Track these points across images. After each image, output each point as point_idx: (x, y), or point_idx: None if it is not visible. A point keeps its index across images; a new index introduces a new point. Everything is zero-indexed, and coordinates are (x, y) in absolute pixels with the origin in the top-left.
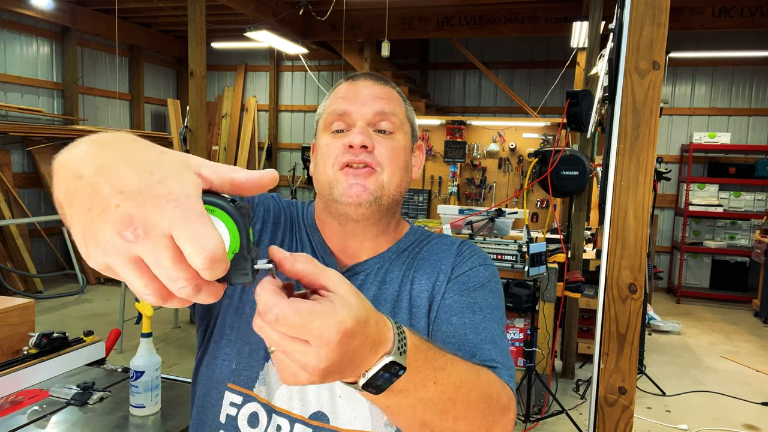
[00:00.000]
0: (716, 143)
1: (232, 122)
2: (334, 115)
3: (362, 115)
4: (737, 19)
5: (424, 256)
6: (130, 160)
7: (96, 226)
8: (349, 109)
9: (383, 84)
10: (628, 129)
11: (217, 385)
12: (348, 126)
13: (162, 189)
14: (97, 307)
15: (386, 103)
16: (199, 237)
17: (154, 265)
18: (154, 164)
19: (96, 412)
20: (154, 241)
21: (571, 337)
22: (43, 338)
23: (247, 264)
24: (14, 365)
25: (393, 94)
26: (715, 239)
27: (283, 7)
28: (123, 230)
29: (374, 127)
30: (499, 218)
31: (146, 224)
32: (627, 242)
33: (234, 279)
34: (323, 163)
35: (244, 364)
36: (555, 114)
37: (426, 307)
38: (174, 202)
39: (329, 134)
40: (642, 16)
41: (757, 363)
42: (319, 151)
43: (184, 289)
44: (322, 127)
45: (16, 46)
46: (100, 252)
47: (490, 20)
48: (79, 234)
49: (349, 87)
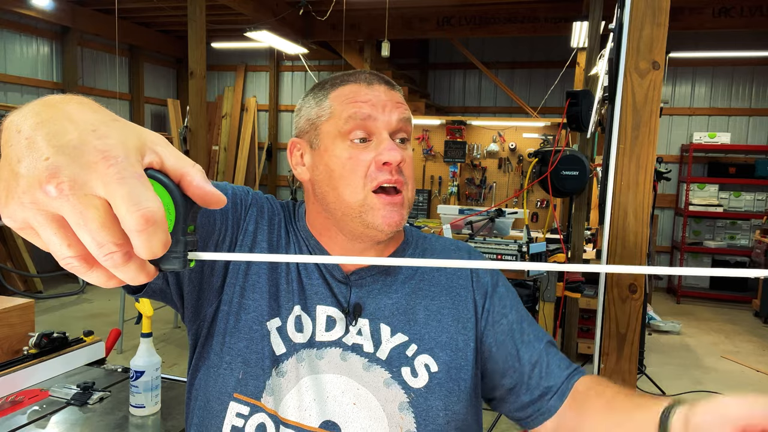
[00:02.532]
0: (716, 143)
1: (232, 122)
2: (355, 120)
3: (387, 124)
4: (737, 19)
5: (430, 271)
6: (75, 117)
7: (20, 179)
8: (373, 115)
9: (393, 88)
10: (628, 129)
11: (220, 395)
12: (369, 134)
13: (100, 145)
14: (97, 307)
15: (404, 110)
16: (134, 195)
17: (78, 226)
18: (100, 123)
19: (96, 412)
20: (80, 199)
21: (571, 337)
22: (43, 338)
23: (180, 247)
24: (14, 365)
25: (403, 100)
26: (715, 239)
27: (283, 7)
28: (46, 183)
29: (395, 137)
30: (499, 218)
31: (74, 179)
32: (627, 242)
33: (165, 263)
34: (349, 180)
35: (251, 373)
36: (555, 114)
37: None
38: (111, 160)
39: (349, 143)
40: (642, 16)
41: (757, 363)
42: (335, 162)
43: (111, 256)
44: (335, 133)
45: (16, 46)
46: (17, 205)
47: (490, 20)
48: (2, 187)
49: (367, 90)
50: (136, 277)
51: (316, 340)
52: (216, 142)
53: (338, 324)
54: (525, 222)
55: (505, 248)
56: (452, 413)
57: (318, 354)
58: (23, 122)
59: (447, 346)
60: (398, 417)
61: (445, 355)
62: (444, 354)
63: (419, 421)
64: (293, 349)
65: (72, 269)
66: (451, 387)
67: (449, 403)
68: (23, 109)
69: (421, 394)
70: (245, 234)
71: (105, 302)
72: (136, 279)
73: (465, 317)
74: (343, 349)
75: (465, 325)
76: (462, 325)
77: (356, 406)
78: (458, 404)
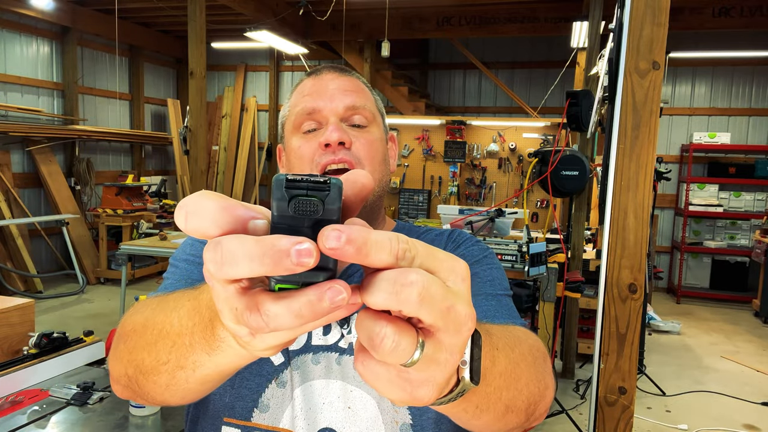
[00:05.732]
0: (716, 143)
1: (232, 122)
2: (303, 114)
3: (333, 111)
4: (737, 19)
5: None
6: None
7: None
8: (318, 106)
9: (348, 75)
10: (628, 129)
11: (213, 421)
12: (319, 124)
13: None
14: (97, 307)
15: (356, 96)
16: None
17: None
18: None
19: (96, 412)
20: None
21: (571, 337)
22: (43, 338)
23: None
24: (14, 365)
25: (360, 86)
26: (715, 239)
27: (283, 7)
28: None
29: (347, 122)
30: (499, 218)
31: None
32: (627, 242)
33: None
34: (298, 166)
35: (236, 395)
36: (555, 114)
37: None
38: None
39: (300, 135)
40: (642, 16)
41: (757, 363)
42: (291, 154)
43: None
44: (290, 128)
45: (16, 46)
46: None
47: (490, 20)
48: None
49: (314, 82)
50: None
51: (312, 344)
52: (216, 142)
53: (334, 328)
54: (525, 222)
55: (505, 248)
56: None
57: (314, 359)
58: None
59: None
60: (393, 412)
61: None
62: None
63: (414, 413)
64: (288, 357)
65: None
66: None
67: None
68: None
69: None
70: None
71: (105, 302)
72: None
73: None
74: (339, 353)
75: None
76: None
77: (351, 410)
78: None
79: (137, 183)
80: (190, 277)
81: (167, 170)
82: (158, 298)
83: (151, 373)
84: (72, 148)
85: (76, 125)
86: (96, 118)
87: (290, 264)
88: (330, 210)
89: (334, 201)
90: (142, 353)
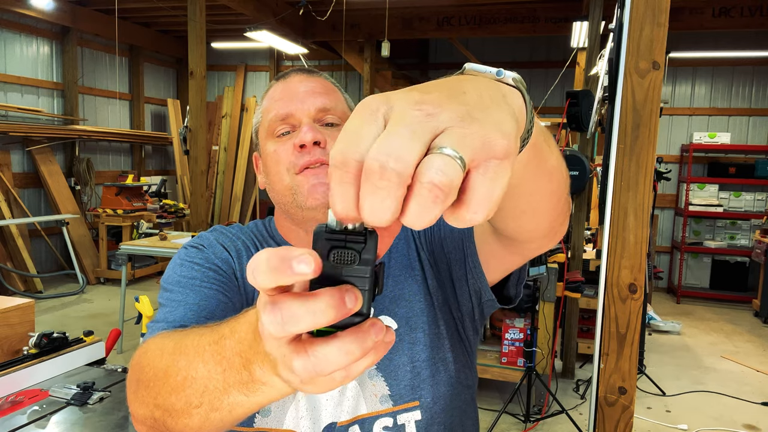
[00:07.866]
0: (716, 143)
1: (232, 122)
2: (276, 120)
3: (305, 113)
4: (737, 19)
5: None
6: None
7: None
8: (290, 110)
9: (317, 76)
10: (628, 129)
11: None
12: (293, 127)
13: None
14: (97, 307)
15: (327, 98)
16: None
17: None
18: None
19: (96, 412)
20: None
21: (571, 337)
22: (43, 338)
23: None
24: (14, 365)
25: (329, 87)
26: (715, 239)
27: (283, 7)
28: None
29: (321, 123)
30: None
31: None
32: (627, 242)
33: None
34: (276, 171)
35: None
36: (555, 114)
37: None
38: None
39: (274, 139)
40: (642, 16)
41: (757, 363)
42: (267, 159)
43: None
44: (264, 134)
45: (16, 46)
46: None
47: (490, 20)
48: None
49: (284, 86)
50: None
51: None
52: (216, 142)
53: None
54: None
55: None
56: (421, 363)
57: None
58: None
59: (400, 297)
60: (370, 385)
61: (401, 309)
62: (399, 308)
63: (390, 382)
64: None
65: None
66: (414, 337)
67: (414, 354)
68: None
69: (385, 356)
70: (240, 276)
71: (105, 302)
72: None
73: (410, 258)
74: None
75: (412, 266)
76: (410, 269)
77: (340, 392)
78: (424, 352)
79: (137, 183)
80: (191, 308)
81: (167, 170)
82: (171, 340)
83: (181, 416)
84: (72, 148)
85: (76, 125)
86: (96, 118)
87: (346, 312)
88: (365, 260)
89: (370, 251)
90: (169, 398)
